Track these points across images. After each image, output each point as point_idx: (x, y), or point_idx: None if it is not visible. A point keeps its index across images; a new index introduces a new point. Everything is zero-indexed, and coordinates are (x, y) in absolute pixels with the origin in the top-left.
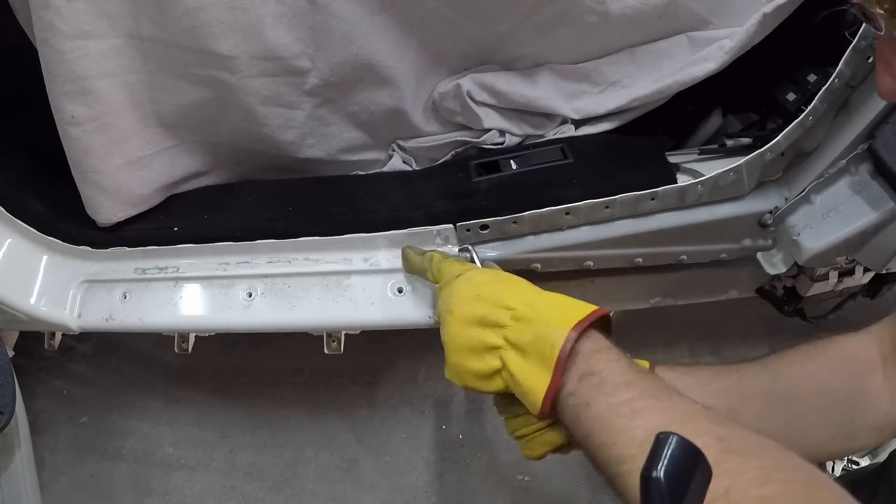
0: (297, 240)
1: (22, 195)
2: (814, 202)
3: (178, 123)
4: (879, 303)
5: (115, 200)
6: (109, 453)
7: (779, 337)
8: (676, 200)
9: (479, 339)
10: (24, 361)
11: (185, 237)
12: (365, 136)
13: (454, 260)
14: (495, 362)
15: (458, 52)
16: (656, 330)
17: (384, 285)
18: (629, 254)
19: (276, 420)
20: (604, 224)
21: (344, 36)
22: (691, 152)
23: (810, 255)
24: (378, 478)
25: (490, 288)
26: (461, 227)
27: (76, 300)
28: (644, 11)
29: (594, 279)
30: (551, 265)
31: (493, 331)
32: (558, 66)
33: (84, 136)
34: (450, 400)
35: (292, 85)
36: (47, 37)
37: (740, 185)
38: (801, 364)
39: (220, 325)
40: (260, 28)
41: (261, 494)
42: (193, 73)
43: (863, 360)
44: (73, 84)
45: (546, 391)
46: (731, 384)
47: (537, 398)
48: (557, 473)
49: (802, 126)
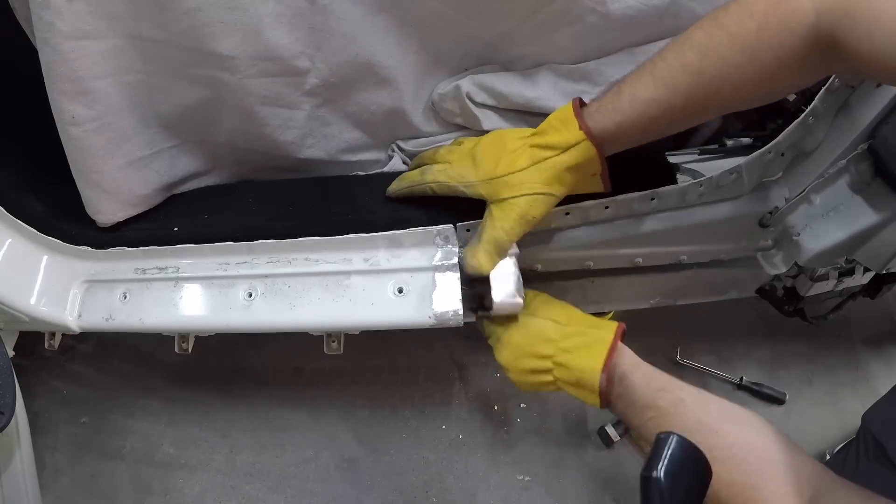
0: (297, 240)
1: (22, 195)
2: (814, 202)
3: (178, 123)
4: (879, 303)
5: (115, 200)
6: (109, 453)
7: (779, 337)
8: (676, 200)
9: (536, 381)
10: (24, 361)
11: (185, 237)
12: (365, 136)
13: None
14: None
15: (458, 53)
16: (657, 330)
17: (384, 285)
18: (629, 254)
19: (276, 420)
20: (604, 224)
21: (344, 36)
22: (691, 152)
23: (810, 255)
24: (378, 478)
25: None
26: (461, 227)
27: (76, 300)
28: (644, 12)
29: (594, 279)
30: (552, 265)
31: (543, 375)
32: (558, 67)
33: (84, 136)
34: (450, 400)
35: (292, 85)
36: (47, 37)
37: (740, 185)
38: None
39: (220, 325)
40: (260, 28)
41: (261, 494)
42: (193, 74)
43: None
44: (73, 84)
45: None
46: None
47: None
48: (557, 473)
49: (802, 126)
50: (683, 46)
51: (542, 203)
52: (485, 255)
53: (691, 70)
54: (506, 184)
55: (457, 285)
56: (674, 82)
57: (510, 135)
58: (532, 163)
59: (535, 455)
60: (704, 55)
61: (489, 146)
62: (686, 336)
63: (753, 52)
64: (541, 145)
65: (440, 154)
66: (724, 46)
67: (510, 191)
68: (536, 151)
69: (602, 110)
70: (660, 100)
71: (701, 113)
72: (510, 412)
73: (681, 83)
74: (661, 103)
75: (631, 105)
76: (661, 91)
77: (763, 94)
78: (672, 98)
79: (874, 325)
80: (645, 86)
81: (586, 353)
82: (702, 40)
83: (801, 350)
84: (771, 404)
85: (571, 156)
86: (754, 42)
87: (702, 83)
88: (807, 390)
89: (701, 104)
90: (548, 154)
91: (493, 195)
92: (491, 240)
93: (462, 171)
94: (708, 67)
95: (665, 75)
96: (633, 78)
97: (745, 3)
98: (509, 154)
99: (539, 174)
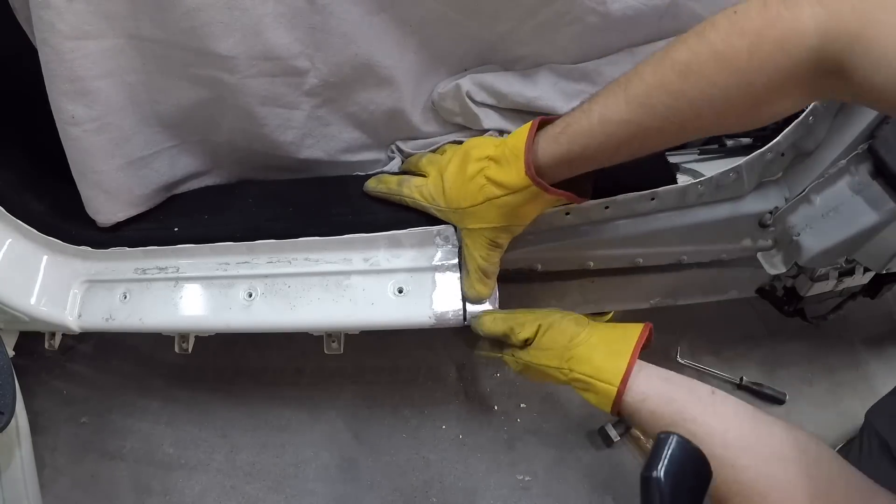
0: (297, 240)
1: (22, 195)
2: (814, 202)
3: (178, 123)
4: (879, 303)
5: (115, 200)
6: (109, 453)
7: (779, 337)
8: (676, 200)
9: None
10: (24, 361)
11: (185, 237)
12: (364, 136)
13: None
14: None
15: (457, 53)
16: (657, 330)
17: (384, 285)
18: (629, 254)
19: (276, 420)
20: (604, 224)
21: (343, 36)
22: (691, 152)
23: (810, 255)
24: (378, 478)
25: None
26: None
27: (76, 300)
28: (644, 12)
29: (594, 279)
30: (552, 265)
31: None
32: (558, 66)
33: (84, 136)
34: (450, 400)
35: (291, 85)
36: (47, 37)
37: (740, 185)
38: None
39: (220, 325)
40: (259, 28)
41: (261, 494)
42: (193, 74)
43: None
44: (73, 84)
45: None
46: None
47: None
48: (557, 473)
49: (802, 126)
50: (663, 63)
51: (506, 232)
52: (479, 284)
53: (670, 90)
54: (470, 215)
55: (457, 285)
56: (649, 102)
57: (472, 154)
58: (485, 199)
59: (535, 455)
60: (685, 74)
61: (454, 171)
62: (686, 336)
63: (742, 74)
64: (492, 180)
65: (423, 162)
66: (708, 66)
67: (475, 221)
68: (489, 187)
69: (568, 132)
70: (632, 121)
71: (677, 136)
72: (510, 412)
73: (657, 104)
74: (633, 125)
75: (601, 126)
76: (634, 112)
77: (747, 120)
78: (646, 120)
79: (874, 325)
80: (617, 105)
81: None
82: (684, 58)
83: (801, 350)
84: (771, 404)
85: (521, 197)
86: (744, 63)
87: (680, 106)
88: (807, 390)
89: (678, 127)
90: (497, 192)
91: (461, 224)
92: (476, 269)
93: (434, 194)
94: (689, 88)
95: (640, 94)
96: (604, 96)
97: (735, 18)
98: (468, 183)
99: (495, 210)
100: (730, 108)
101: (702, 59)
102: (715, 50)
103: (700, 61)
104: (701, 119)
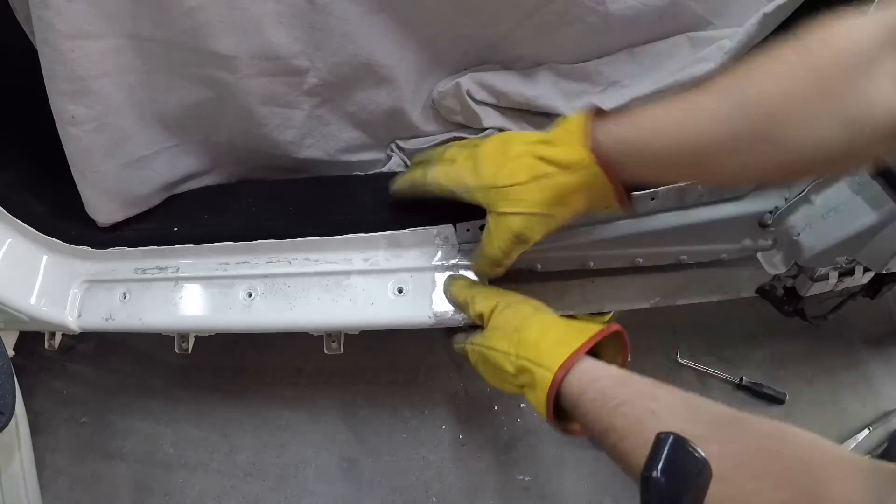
0: (297, 240)
1: (22, 195)
2: (814, 202)
3: (178, 123)
4: (879, 303)
5: (116, 201)
6: (109, 453)
7: (779, 337)
8: (676, 200)
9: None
10: (24, 361)
11: (185, 237)
12: (364, 135)
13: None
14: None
15: (457, 52)
16: (657, 330)
17: (384, 285)
18: (629, 254)
19: (276, 420)
20: (604, 224)
21: (343, 35)
22: None
23: (810, 255)
24: (378, 478)
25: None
26: (461, 226)
27: (76, 300)
28: (644, 12)
29: (594, 279)
30: (552, 265)
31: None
32: (558, 66)
33: (84, 136)
34: (450, 400)
35: (291, 84)
36: (47, 37)
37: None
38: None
39: (220, 325)
40: (259, 28)
41: (261, 494)
42: (193, 73)
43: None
44: (73, 84)
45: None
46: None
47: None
48: (557, 473)
49: None
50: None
51: (539, 224)
52: (487, 266)
53: (746, 100)
54: (504, 196)
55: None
56: (718, 112)
57: (516, 138)
58: (532, 177)
59: (535, 455)
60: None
61: (492, 150)
62: (686, 336)
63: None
64: (544, 158)
65: (449, 152)
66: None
67: (508, 205)
68: (539, 164)
69: (633, 116)
70: (723, 120)
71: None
72: (510, 412)
73: (722, 113)
74: (723, 125)
75: (683, 114)
76: (695, 115)
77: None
78: (740, 127)
79: (874, 325)
80: (707, 100)
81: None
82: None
83: (801, 350)
84: (771, 404)
85: (577, 177)
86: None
87: (754, 116)
88: (807, 390)
89: (748, 144)
90: (549, 170)
91: (491, 205)
92: (487, 255)
93: (462, 175)
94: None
95: (706, 100)
96: (662, 98)
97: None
98: (511, 161)
99: (539, 192)
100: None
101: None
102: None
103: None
104: (784, 143)
